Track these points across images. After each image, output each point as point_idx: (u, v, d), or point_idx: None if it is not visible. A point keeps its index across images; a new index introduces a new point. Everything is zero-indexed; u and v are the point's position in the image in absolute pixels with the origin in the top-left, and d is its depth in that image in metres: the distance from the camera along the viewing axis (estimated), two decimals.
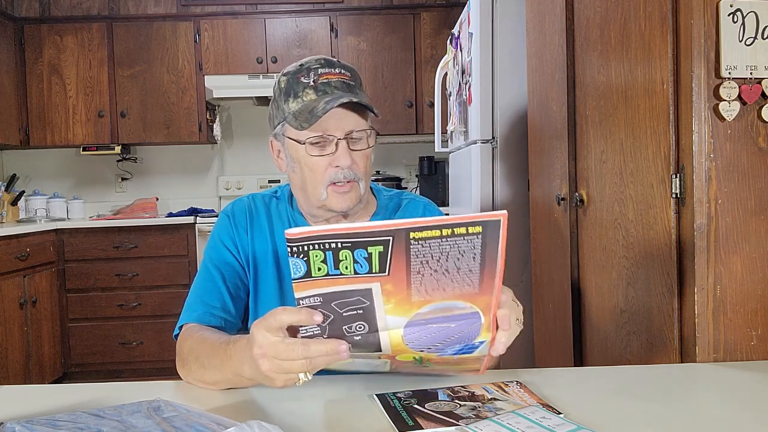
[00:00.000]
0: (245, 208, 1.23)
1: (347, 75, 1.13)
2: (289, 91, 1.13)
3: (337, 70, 1.13)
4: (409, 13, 4.17)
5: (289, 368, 0.82)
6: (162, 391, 0.91)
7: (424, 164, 4.23)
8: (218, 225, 1.24)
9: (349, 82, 1.12)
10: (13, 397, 1.00)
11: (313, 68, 1.13)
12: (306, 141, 1.10)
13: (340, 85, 1.11)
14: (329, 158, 1.11)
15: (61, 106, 4.10)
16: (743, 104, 1.16)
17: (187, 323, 1.13)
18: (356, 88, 1.14)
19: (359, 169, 1.12)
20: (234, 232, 1.21)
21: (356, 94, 1.12)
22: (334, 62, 1.15)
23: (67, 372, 3.85)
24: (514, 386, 0.93)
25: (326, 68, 1.12)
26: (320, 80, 1.11)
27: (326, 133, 1.10)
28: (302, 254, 0.76)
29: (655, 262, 1.33)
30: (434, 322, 0.82)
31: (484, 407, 0.84)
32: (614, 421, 0.83)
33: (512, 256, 2.61)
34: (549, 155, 2.05)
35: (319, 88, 1.11)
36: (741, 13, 1.16)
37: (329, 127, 1.09)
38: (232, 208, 1.25)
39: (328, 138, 1.10)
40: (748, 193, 1.18)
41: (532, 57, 2.25)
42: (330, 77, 1.11)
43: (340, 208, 1.13)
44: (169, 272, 3.85)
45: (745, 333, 1.17)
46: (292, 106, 1.12)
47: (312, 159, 1.11)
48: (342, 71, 1.13)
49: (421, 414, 0.82)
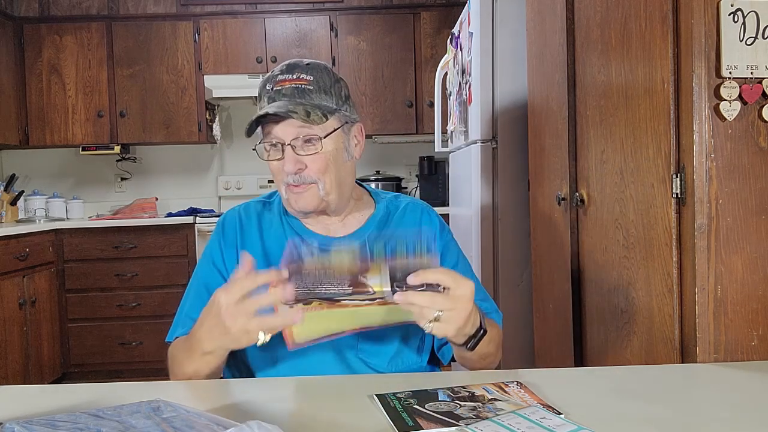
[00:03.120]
0: (236, 221, 1.26)
1: (306, 80, 1.16)
2: (258, 97, 1.20)
3: (296, 75, 1.16)
4: (409, 12, 4.17)
5: (247, 326, 0.93)
6: (162, 392, 0.91)
7: (424, 164, 4.23)
8: (210, 241, 1.28)
9: (304, 87, 1.15)
10: (13, 398, 0.99)
11: (274, 75, 1.18)
12: (259, 146, 1.17)
13: (290, 92, 1.14)
14: (281, 162, 1.16)
15: (60, 106, 4.10)
16: (744, 104, 1.16)
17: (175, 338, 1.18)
18: (312, 93, 1.15)
19: (312, 173, 1.15)
20: (224, 251, 1.24)
21: (309, 99, 1.14)
22: (299, 67, 1.18)
23: (67, 372, 3.85)
24: (514, 386, 0.93)
25: (285, 74, 1.17)
26: (274, 88, 1.16)
27: (275, 140, 1.15)
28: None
29: (655, 262, 1.33)
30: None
31: (484, 407, 0.84)
32: (614, 421, 0.82)
33: (512, 256, 2.61)
34: (549, 155, 2.05)
35: (271, 96, 1.16)
36: (741, 12, 1.16)
37: (277, 133, 1.14)
38: (223, 222, 1.28)
39: (275, 144, 1.15)
40: (749, 193, 1.17)
41: (532, 57, 2.25)
42: (284, 84, 1.15)
43: (298, 208, 1.18)
44: (168, 272, 3.85)
45: (746, 333, 1.17)
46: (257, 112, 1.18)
47: (270, 163, 1.18)
48: (302, 76, 1.16)
49: (421, 414, 0.82)
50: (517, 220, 2.59)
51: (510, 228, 2.61)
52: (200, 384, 1.03)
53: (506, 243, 2.61)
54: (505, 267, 2.62)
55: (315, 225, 1.24)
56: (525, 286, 2.59)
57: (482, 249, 2.61)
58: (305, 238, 1.22)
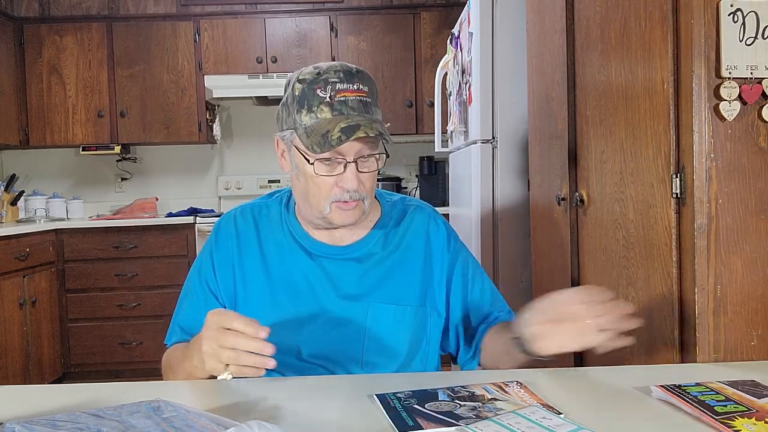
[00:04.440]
0: (231, 229, 1.23)
1: (364, 91, 1.10)
2: (303, 101, 1.10)
3: (356, 86, 1.09)
4: (409, 12, 4.17)
5: (218, 354, 0.93)
6: (162, 391, 0.91)
7: (424, 164, 4.23)
8: (202, 252, 1.25)
9: (366, 100, 1.10)
10: (13, 398, 0.99)
11: (330, 82, 1.08)
12: (315, 161, 1.09)
13: (356, 105, 1.08)
14: (336, 178, 1.10)
15: (60, 106, 4.10)
16: (744, 104, 1.16)
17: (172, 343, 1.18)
18: (372, 106, 1.11)
19: (365, 190, 1.12)
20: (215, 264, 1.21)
21: (372, 113, 1.10)
22: (354, 74, 1.10)
23: (67, 372, 3.85)
24: (514, 386, 0.93)
25: (344, 83, 1.08)
26: (337, 97, 1.08)
27: (337, 156, 1.09)
28: None
29: (655, 262, 1.33)
30: None
31: (484, 407, 0.84)
32: (614, 421, 0.82)
33: (512, 256, 2.61)
34: (549, 155, 2.05)
35: (335, 106, 1.08)
36: (741, 12, 1.16)
37: (341, 149, 1.08)
38: (217, 230, 1.24)
39: (338, 159, 1.09)
40: (749, 193, 1.17)
41: (532, 57, 2.25)
42: (347, 95, 1.08)
43: (343, 223, 1.14)
44: (168, 272, 3.85)
45: (746, 333, 1.17)
46: (305, 120, 1.09)
47: (319, 177, 1.10)
48: (360, 87, 1.10)
49: (421, 414, 0.82)
50: (517, 220, 2.59)
51: (510, 228, 2.61)
52: (200, 384, 1.03)
53: (506, 243, 2.61)
54: (505, 267, 2.62)
55: (319, 234, 1.20)
56: (525, 286, 2.59)
57: (482, 249, 2.61)
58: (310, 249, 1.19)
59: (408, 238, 1.23)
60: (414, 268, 1.21)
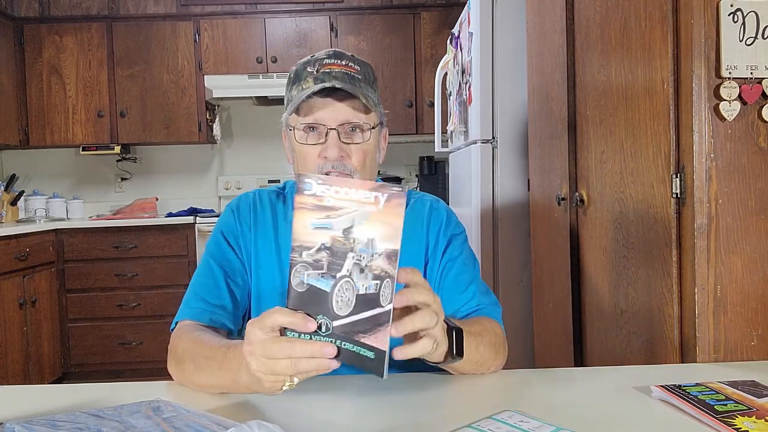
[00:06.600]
0: (250, 204, 1.21)
1: (355, 69, 1.11)
2: (295, 79, 1.12)
3: (345, 62, 1.10)
4: (409, 12, 4.17)
5: (274, 368, 0.77)
6: (162, 391, 0.91)
7: (424, 164, 4.23)
8: (222, 220, 1.22)
9: (354, 75, 1.09)
10: (13, 398, 0.99)
11: (320, 59, 1.11)
12: (296, 127, 1.09)
13: (340, 76, 1.08)
14: (319, 148, 1.08)
15: (60, 106, 4.10)
16: (744, 104, 1.16)
17: (183, 320, 1.10)
18: (361, 83, 1.10)
19: (352, 164, 1.08)
20: (238, 229, 1.19)
21: (359, 88, 1.08)
22: (346, 56, 1.12)
23: (67, 372, 3.85)
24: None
25: (333, 59, 1.10)
26: (322, 69, 1.09)
27: (317, 122, 1.08)
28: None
29: (655, 261, 1.33)
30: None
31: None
32: (614, 421, 0.82)
33: (512, 256, 2.61)
34: (549, 155, 2.05)
35: (318, 76, 1.08)
36: (741, 12, 1.16)
37: (323, 116, 1.07)
38: (237, 203, 1.23)
39: (319, 126, 1.08)
40: (749, 193, 1.18)
41: (532, 57, 2.25)
42: (333, 67, 1.09)
43: None
44: (168, 272, 3.85)
45: (746, 333, 1.17)
46: (293, 93, 1.11)
47: (303, 147, 1.09)
48: (350, 64, 1.11)
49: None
50: (517, 220, 2.59)
51: (510, 228, 2.61)
52: None
53: (506, 243, 2.61)
54: (505, 267, 2.62)
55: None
56: (525, 286, 2.59)
57: (482, 249, 2.61)
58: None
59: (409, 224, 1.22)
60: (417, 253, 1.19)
